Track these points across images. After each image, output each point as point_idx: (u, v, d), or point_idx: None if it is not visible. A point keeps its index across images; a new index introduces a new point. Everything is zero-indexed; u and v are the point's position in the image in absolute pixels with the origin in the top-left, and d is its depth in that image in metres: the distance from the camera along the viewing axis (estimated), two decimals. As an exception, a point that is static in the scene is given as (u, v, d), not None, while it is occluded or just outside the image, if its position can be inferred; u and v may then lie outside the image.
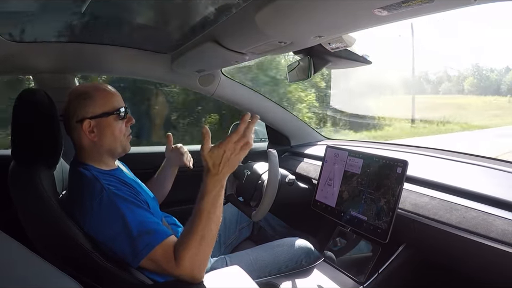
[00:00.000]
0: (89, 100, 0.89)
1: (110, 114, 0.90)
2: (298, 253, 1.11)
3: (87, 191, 0.80)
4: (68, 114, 0.90)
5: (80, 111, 0.88)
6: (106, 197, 0.79)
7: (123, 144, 0.93)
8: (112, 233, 0.77)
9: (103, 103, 0.90)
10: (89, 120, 0.88)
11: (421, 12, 0.61)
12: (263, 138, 1.93)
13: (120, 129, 0.92)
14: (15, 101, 0.84)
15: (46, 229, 0.79)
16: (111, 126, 0.90)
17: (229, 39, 1.00)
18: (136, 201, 0.82)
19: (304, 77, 1.21)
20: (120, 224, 0.76)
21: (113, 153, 0.93)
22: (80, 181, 0.84)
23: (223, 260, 1.08)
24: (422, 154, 1.25)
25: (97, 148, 0.90)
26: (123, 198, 0.80)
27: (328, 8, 0.66)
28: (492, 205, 0.84)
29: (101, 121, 0.89)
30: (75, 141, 0.92)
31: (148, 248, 0.75)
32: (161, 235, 0.77)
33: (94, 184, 0.81)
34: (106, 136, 0.90)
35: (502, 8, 50.79)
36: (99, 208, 0.78)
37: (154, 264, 0.76)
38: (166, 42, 1.33)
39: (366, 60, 1.13)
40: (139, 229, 0.76)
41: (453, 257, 0.92)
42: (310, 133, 1.82)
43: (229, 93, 1.60)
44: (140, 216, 0.79)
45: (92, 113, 0.88)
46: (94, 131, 0.88)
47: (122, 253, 0.76)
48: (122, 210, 0.77)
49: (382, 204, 0.99)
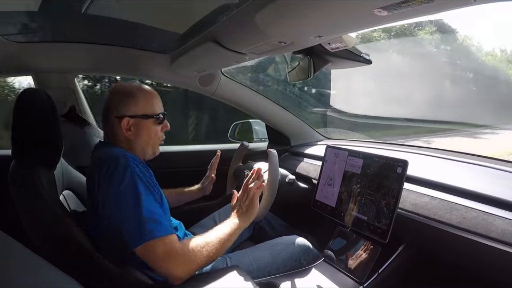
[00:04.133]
0: (132, 98, 0.91)
1: (150, 117, 0.93)
2: (297, 251, 1.11)
3: (112, 163, 0.81)
4: (107, 108, 0.92)
5: (122, 108, 0.91)
6: (129, 174, 0.80)
7: (155, 147, 0.97)
8: (124, 211, 0.78)
9: (145, 105, 0.92)
10: (129, 119, 0.90)
11: (421, 12, 0.61)
12: (263, 138, 1.93)
13: (156, 133, 0.95)
14: (16, 100, 0.84)
15: (46, 228, 0.79)
16: (148, 129, 0.93)
17: (229, 39, 1.00)
18: (153, 190, 0.83)
19: (304, 77, 1.21)
20: (133, 204, 0.78)
21: (143, 154, 0.96)
22: (107, 153, 0.85)
23: (223, 259, 1.08)
24: (422, 154, 1.25)
25: (131, 145, 0.92)
26: (144, 182, 0.81)
27: (328, 8, 0.66)
28: (492, 205, 0.84)
29: (140, 122, 0.92)
30: (110, 133, 0.93)
31: (149, 236, 0.76)
32: (165, 230, 0.78)
33: (122, 160, 0.82)
34: (142, 137, 0.93)
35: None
36: (119, 181, 0.79)
37: (147, 254, 0.77)
38: (166, 42, 1.33)
39: (366, 59, 1.13)
40: (147, 216, 0.77)
41: (453, 257, 0.92)
42: (310, 132, 1.82)
43: (229, 93, 1.60)
44: (152, 205, 0.80)
45: (132, 112, 0.91)
46: (131, 129, 0.91)
47: (126, 233, 0.77)
48: (140, 192, 0.79)
49: (382, 204, 0.99)
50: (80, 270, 0.73)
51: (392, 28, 6.26)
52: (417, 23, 6.71)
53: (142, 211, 0.77)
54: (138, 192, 0.79)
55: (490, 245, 0.76)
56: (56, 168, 0.93)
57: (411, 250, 1.00)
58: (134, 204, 0.78)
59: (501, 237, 0.75)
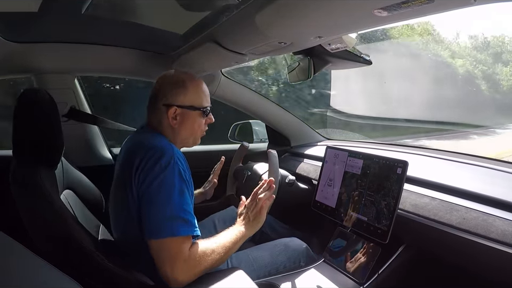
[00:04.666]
0: (183, 88, 0.92)
1: (197, 109, 0.93)
2: (296, 253, 1.11)
3: (157, 152, 0.81)
4: (156, 94, 0.92)
5: (171, 96, 0.91)
6: (171, 167, 0.80)
7: (196, 138, 0.98)
8: (155, 200, 0.78)
9: (194, 97, 0.93)
10: (176, 108, 0.91)
11: (421, 12, 0.61)
12: (263, 139, 1.93)
13: (200, 125, 0.96)
14: (17, 100, 0.84)
15: (47, 228, 0.79)
16: (194, 120, 0.94)
17: (229, 39, 1.00)
18: (189, 187, 0.83)
19: (304, 78, 1.21)
20: (166, 197, 0.78)
21: (184, 143, 0.96)
22: (152, 142, 0.85)
23: (223, 260, 1.08)
24: (422, 155, 1.25)
25: (174, 133, 0.93)
26: (183, 177, 0.81)
27: (328, 9, 0.66)
28: (492, 206, 0.84)
29: (187, 113, 0.92)
30: (153, 120, 0.93)
31: (169, 232, 0.76)
32: (190, 229, 0.79)
33: (167, 151, 0.82)
34: (186, 127, 0.93)
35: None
36: (160, 172, 0.79)
37: (158, 249, 0.77)
38: (166, 43, 1.33)
39: (366, 60, 1.13)
40: (177, 213, 0.77)
41: (453, 257, 0.92)
42: (310, 133, 1.82)
43: (229, 93, 1.60)
44: (185, 202, 0.80)
45: (181, 102, 0.91)
46: (176, 118, 0.91)
47: (149, 220, 0.77)
48: (176, 187, 0.79)
49: (382, 205, 0.99)
50: (80, 270, 0.73)
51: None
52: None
53: (173, 206, 0.77)
54: (175, 187, 0.79)
55: (490, 246, 0.76)
56: (57, 167, 0.93)
57: (411, 251, 1.00)
58: (168, 196, 0.78)
59: (501, 238, 0.75)
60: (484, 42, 10.64)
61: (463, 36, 13.56)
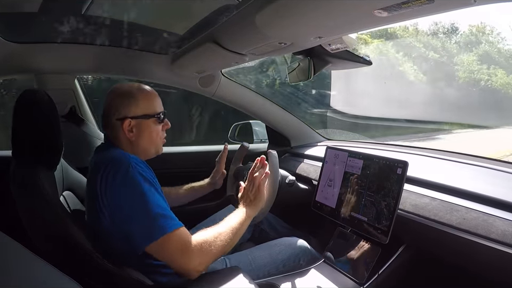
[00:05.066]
0: (133, 100, 0.91)
1: (151, 117, 0.92)
2: (296, 252, 1.11)
3: (114, 165, 0.81)
4: (108, 111, 0.92)
5: (123, 109, 0.90)
6: (131, 173, 0.79)
7: (157, 147, 0.97)
8: (130, 211, 0.77)
9: (145, 105, 0.92)
10: (130, 120, 0.90)
11: (421, 12, 0.61)
12: (263, 139, 1.93)
13: (157, 132, 0.95)
14: (16, 101, 0.85)
15: (46, 228, 0.79)
16: (150, 128, 0.93)
17: (229, 40, 1.00)
18: (157, 186, 0.83)
19: (304, 78, 1.21)
20: (140, 202, 0.77)
21: (146, 154, 0.96)
22: (108, 156, 0.85)
23: (222, 261, 1.08)
24: (422, 155, 1.25)
25: (133, 146, 0.92)
26: (147, 179, 0.81)
27: (328, 9, 0.66)
28: (492, 206, 0.83)
29: (142, 123, 0.91)
30: (111, 136, 0.93)
31: (162, 231, 0.76)
32: (176, 223, 0.78)
33: (122, 160, 0.82)
34: (144, 137, 0.92)
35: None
36: (122, 182, 0.78)
37: (162, 249, 0.77)
38: (166, 43, 1.33)
39: (366, 60, 1.13)
40: (157, 211, 0.77)
41: (453, 258, 0.91)
42: (310, 133, 1.82)
43: (229, 94, 1.60)
44: (159, 200, 0.80)
45: (133, 113, 0.90)
46: (133, 131, 0.91)
47: (135, 232, 0.77)
48: (145, 190, 0.78)
49: (382, 205, 0.99)
50: (80, 270, 0.72)
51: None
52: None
53: (151, 208, 0.77)
54: (143, 190, 0.78)
55: (490, 246, 0.76)
56: (56, 169, 0.93)
57: (411, 251, 1.00)
58: (141, 202, 0.77)
59: (501, 238, 0.75)
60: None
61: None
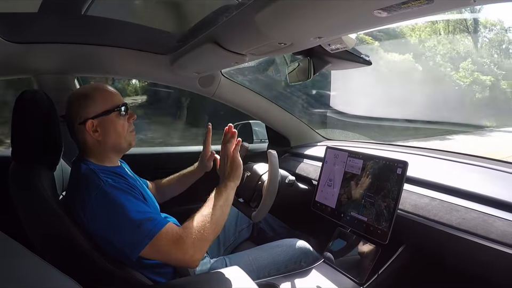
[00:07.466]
0: (90, 100, 0.90)
1: (111, 111, 0.91)
2: (297, 253, 1.11)
3: (85, 185, 0.81)
4: (70, 118, 0.91)
5: (82, 112, 0.89)
6: (104, 190, 0.79)
7: (127, 139, 0.96)
8: (113, 225, 0.77)
9: (103, 102, 0.91)
10: (92, 120, 0.89)
11: (421, 12, 0.61)
12: (263, 139, 1.93)
13: (123, 125, 0.94)
14: (15, 101, 0.85)
15: (46, 229, 0.79)
16: (114, 123, 0.92)
17: (228, 40, 1.00)
18: (133, 192, 0.83)
19: (304, 78, 1.21)
20: (120, 215, 0.77)
21: (118, 150, 0.95)
22: (79, 176, 0.85)
23: (222, 260, 1.08)
24: (422, 155, 1.25)
25: (102, 146, 0.91)
26: (120, 189, 0.81)
27: (328, 9, 0.66)
28: (492, 206, 0.83)
29: (103, 120, 0.90)
30: (79, 142, 0.92)
31: (151, 234, 0.76)
32: (161, 222, 0.79)
33: (92, 178, 0.82)
34: (110, 134, 0.91)
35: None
36: (98, 201, 0.78)
37: (156, 250, 0.77)
38: (165, 44, 1.33)
39: (366, 60, 1.13)
40: (140, 217, 0.77)
41: (453, 258, 0.91)
42: (310, 133, 1.82)
43: (229, 94, 1.60)
44: (138, 205, 0.80)
45: (93, 113, 0.89)
46: (97, 130, 0.90)
47: (124, 244, 0.77)
48: (121, 201, 0.78)
49: (382, 205, 0.99)
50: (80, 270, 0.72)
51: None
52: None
53: (134, 216, 0.77)
54: (120, 201, 0.78)
55: (490, 246, 0.76)
56: (55, 169, 0.93)
57: (411, 251, 1.00)
58: (123, 215, 0.77)
59: (500, 238, 0.75)
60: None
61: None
